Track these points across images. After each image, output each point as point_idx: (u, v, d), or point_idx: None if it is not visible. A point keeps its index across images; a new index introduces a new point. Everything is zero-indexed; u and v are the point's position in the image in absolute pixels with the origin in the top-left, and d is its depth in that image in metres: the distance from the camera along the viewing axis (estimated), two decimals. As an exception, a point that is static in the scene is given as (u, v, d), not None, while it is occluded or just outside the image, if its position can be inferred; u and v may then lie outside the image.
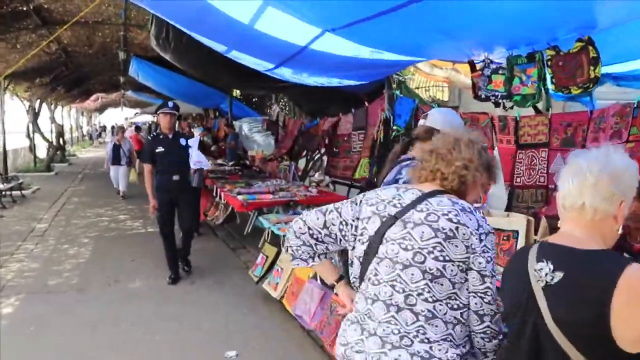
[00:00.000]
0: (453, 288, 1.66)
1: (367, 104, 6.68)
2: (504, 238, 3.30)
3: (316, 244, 1.94)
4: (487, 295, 1.66)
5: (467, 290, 1.67)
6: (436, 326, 1.66)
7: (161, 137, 5.75)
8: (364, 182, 6.22)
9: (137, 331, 4.47)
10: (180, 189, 5.65)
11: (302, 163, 9.30)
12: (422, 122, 2.50)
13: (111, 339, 4.32)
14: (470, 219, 1.67)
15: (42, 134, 18.38)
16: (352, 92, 8.31)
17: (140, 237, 8.13)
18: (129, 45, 11.47)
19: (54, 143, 20.25)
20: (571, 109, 4.99)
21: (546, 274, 1.38)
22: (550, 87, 3.95)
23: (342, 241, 1.91)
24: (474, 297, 1.67)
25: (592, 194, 1.41)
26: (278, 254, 4.91)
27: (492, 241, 1.69)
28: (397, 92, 6.35)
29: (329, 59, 5.00)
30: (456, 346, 1.68)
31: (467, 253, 1.64)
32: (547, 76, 3.94)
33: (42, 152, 20.33)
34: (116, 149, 11.94)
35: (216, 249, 7.00)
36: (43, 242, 7.75)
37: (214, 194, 7.61)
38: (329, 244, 1.94)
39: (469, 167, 1.79)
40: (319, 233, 1.91)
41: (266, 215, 5.49)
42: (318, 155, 9.61)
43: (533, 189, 4.43)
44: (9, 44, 9.87)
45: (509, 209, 4.33)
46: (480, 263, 1.65)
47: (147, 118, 34.71)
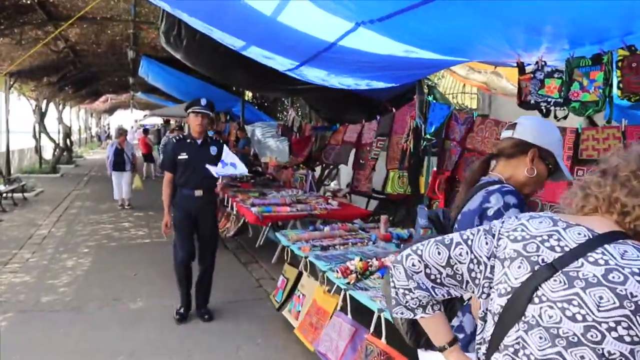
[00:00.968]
0: None
1: (394, 110, 6.12)
2: None
3: (434, 288, 1.40)
4: None
5: None
6: None
7: (188, 141, 4.70)
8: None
9: (136, 363, 3.92)
10: (202, 207, 4.67)
11: (316, 171, 8.77)
12: (507, 133, 1.93)
13: (106, 373, 3.76)
14: None
15: (48, 135, 17.93)
16: (373, 97, 7.77)
17: (144, 247, 7.59)
18: (138, 45, 11.01)
19: (61, 144, 19.82)
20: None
21: None
22: (616, 92, 3.41)
23: (469, 284, 1.37)
24: None
25: None
26: (299, 276, 4.34)
27: None
28: (430, 98, 5.80)
29: (359, 58, 4.47)
30: None
31: None
32: (614, 80, 3.40)
33: (49, 152, 19.91)
34: (118, 153, 10.69)
35: (227, 265, 6.43)
36: (40, 251, 7.22)
37: (224, 203, 7.07)
38: (451, 288, 1.40)
39: None
40: (439, 273, 1.38)
41: (284, 232, 4.93)
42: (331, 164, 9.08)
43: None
44: (14, 40, 9.40)
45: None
46: None
47: (157, 120, 34.34)
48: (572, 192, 1.36)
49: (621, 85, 3.34)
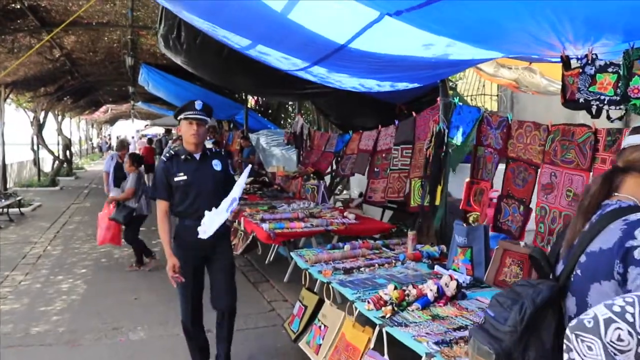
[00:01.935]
0: None
1: (414, 114, 5.61)
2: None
3: None
4: None
5: None
6: None
7: (182, 157, 3.61)
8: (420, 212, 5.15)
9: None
10: (213, 243, 3.53)
11: (326, 179, 8.27)
12: (636, 139, 1.42)
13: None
14: None
15: (46, 147, 17.47)
16: (386, 100, 7.28)
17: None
18: (137, 52, 10.56)
19: (61, 156, 19.37)
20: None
21: None
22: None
23: None
24: None
25: None
26: (319, 304, 3.82)
27: None
28: (456, 100, 5.30)
29: (381, 55, 3.97)
30: None
31: None
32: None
33: (49, 165, 19.46)
34: (119, 168, 8.83)
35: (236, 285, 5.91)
36: (34, 272, 6.72)
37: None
38: None
39: None
40: None
41: (300, 251, 4.40)
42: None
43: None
44: (6, 49, 8.93)
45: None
46: None
47: (159, 130, 33.92)
48: None
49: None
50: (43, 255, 7.66)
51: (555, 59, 3.91)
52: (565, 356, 0.97)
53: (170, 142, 16.34)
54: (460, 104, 5.23)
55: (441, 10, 2.78)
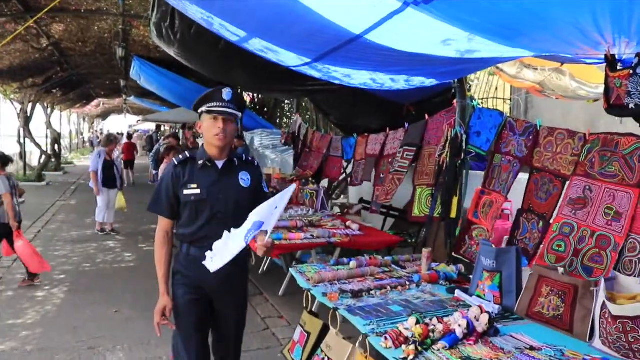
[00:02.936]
0: None
1: (427, 116, 5.13)
2: None
3: None
4: None
5: None
6: None
7: (200, 163, 2.70)
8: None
9: None
10: (227, 283, 2.75)
11: (323, 183, 7.79)
12: None
13: None
14: None
15: (33, 140, 16.86)
16: (393, 99, 6.79)
17: (130, 273, 6.56)
18: (129, 43, 10.03)
19: (49, 150, 18.75)
20: None
21: None
22: None
23: None
24: None
25: None
26: (324, 330, 3.34)
27: None
28: (476, 103, 4.84)
29: (398, 49, 3.50)
30: None
31: None
32: None
33: (37, 159, 18.82)
34: (108, 167, 8.67)
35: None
36: (7, 277, 6.21)
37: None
38: None
39: None
40: None
41: (301, 267, 3.89)
42: (344, 176, 8.11)
43: None
44: (-12, 35, 8.39)
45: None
46: None
47: (151, 126, 33.26)
48: None
49: None
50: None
51: (593, 60, 3.46)
52: None
53: (162, 138, 15.75)
54: (480, 106, 4.79)
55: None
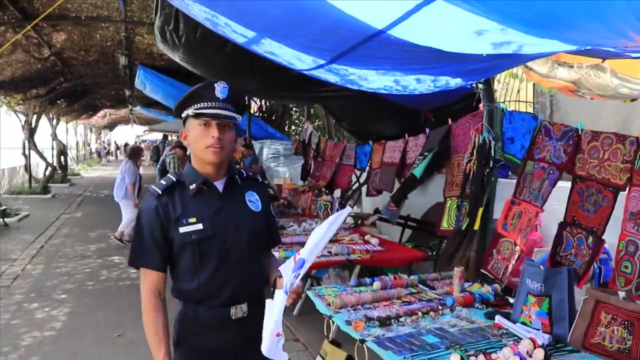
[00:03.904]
0: None
1: (450, 121, 4.77)
2: None
3: None
4: None
5: None
6: None
7: (193, 187, 1.97)
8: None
9: None
10: (246, 345, 1.94)
11: (336, 194, 7.44)
12: None
13: None
14: None
15: (38, 152, 16.64)
16: (409, 105, 6.43)
17: (136, 290, 6.16)
18: (133, 51, 9.74)
19: (55, 162, 18.52)
20: None
21: None
22: None
23: None
24: None
25: None
26: (347, 364, 2.97)
27: None
28: (504, 106, 4.47)
29: (427, 46, 3.14)
30: None
31: None
32: None
33: (42, 171, 18.59)
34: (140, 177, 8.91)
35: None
36: (7, 298, 5.85)
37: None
38: None
39: None
40: None
41: (319, 290, 3.53)
42: (357, 185, 7.77)
43: None
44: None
45: None
46: None
47: (158, 136, 33.02)
48: None
49: None
50: (21, 276, 6.81)
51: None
52: None
53: (168, 148, 15.40)
54: (510, 109, 4.41)
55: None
